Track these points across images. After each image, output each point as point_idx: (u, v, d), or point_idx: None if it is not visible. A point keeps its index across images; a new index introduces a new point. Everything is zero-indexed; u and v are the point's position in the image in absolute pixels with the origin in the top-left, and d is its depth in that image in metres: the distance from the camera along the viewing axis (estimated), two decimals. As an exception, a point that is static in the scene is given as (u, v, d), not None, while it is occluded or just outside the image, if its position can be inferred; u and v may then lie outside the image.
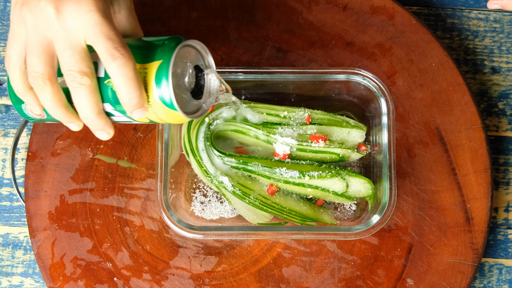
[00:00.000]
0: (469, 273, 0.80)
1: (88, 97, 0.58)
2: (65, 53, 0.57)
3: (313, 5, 0.86)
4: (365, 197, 0.79)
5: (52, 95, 0.59)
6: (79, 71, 0.57)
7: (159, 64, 0.58)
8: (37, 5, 0.57)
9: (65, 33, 0.57)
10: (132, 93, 0.57)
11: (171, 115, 0.59)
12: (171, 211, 0.75)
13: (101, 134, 0.61)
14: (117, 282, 0.80)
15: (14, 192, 0.86)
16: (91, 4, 0.57)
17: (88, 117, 0.59)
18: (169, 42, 0.59)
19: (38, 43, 0.58)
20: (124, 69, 0.57)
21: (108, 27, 0.57)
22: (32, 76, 0.58)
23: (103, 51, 0.57)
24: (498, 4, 0.73)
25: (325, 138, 0.80)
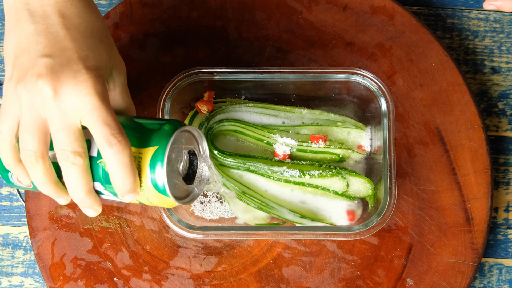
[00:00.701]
0: (469, 273, 0.80)
1: (79, 176, 0.58)
2: (60, 133, 0.57)
3: (313, 5, 0.86)
4: (365, 197, 0.80)
5: (43, 172, 0.59)
6: (72, 151, 0.57)
7: (154, 151, 0.58)
8: (34, 85, 0.57)
9: (61, 114, 0.57)
10: (126, 180, 0.58)
11: (162, 200, 0.60)
12: (171, 211, 0.75)
13: (89, 212, 0.62)
14: (117, 282, 0.81)
15: (14, 192, 0.86)
16: (89, 87, 0.57)
17: (78, 195, 0.60)
18: (166, 128, 0.59)
19: (32, 121, 0.57)
20: (120, 156, 0.57)
21: (106, 113, 0.57)
22: (25, 153, 0.58)
23: (100, 136, 0.57)
24: (493, 5, 0.73)
25: (325, 138, 0.80)
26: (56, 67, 0.57)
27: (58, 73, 0.57)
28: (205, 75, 0.78)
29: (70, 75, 0.57)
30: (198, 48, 0.85)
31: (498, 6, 0.73)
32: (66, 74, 0.57)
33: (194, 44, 0.85)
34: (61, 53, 0.58)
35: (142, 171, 0.58)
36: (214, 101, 0.82)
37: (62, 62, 0.58)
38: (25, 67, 0.58)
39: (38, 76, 0.57)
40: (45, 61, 0.57)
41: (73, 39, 0.59)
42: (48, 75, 0.57)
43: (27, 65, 0.58)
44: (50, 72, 0.57)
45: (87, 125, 0.57)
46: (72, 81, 0.57)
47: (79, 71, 0.58)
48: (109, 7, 0.90)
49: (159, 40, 0.85)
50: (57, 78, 0.57)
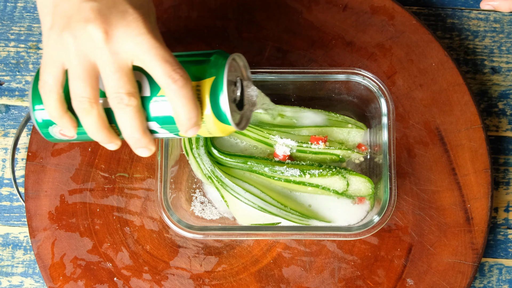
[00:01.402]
0: (469, 273, 0.80)
1: (134, 117, 0.58)
2: (113, 76, 0.56)
3: (313, 5, 0.86)
4: (365, 196, 0.80)
5: (97, 118, 0.58)
6: (126, 92, 0.56)
7: (212, 81, 0.58)
8: (83, 29, 0.56)
9: (114, 56, 0.56)
10: (191, 113, 0.57)
11: (222, 128, 0.60)
12: (171, 211, 0.75)
13: (144, 151, 0.61)
14: (117, 282, 0.80)
15: (14, 192, 0.86)
16: (141, 27, 0.56)
17: (134, 136, 0.59)
18: (217, 58, 0.60)
19: (83, 67, 0.56)
20: (184, 91, 0.56)
21: (163, 50, 0.56)
22: (78, 101, 0.57)
23: (161, 74, 0.56)
24: (490, 5, 0.74)
25: (325, 139, 0.80)
26: (103, 10, 0.56)
27: (107, 16, 0.56)
28: (205, 75, 0.78)
29: (119, 16, 0.56)
30: (198, 48, 0.85)
31: (494, 6, 0.73)
32: (115, 16, 0.56)
33: (194, 44, 0.85)
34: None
35: (203, 103, 0.58)
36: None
37: (108, 5, 0.56)
38: (69, 14, 0.56)
39: (86, 20, 0.55)
40: (91, 5, 0.56)
41: None
42: (97, 18, 0.55)
43: (70, 12, 0.56)
44: (99, 16, 0.56)
45: (142, 64, 0.56)
46: (122, 22, 0.56)
47: (126, 12, 0.56)
48: (109, 7, 0.90)
49: (159, 40, 0.85)
50: (107, 21, 0.56)
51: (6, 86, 0.88)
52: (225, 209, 0.81)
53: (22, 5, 0.89)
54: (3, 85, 0.88)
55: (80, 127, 0.61)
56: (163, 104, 0.59)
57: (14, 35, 0.89)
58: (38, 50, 0.89)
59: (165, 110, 0.59)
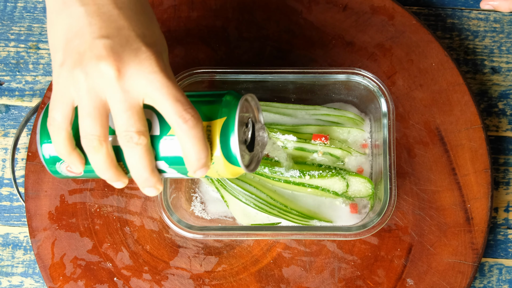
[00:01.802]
0: (469, 273, 0.80)
1: (143, 156, 0.57)
2: (124, 114, 0.55)
3: (313, 5, 0.86)
4: (365, 197, 0.80)
5: (106, 157, 0.58)
6: (136, 131, 0.56)
7: (223, 122, 0.57)
8: (95, 67, 0.55)
9: (125, 94, 0.55)
10: (200, 154, 0.57)
11: (231, 170, 0.60)
12: (171, 211, 0.75)
13: (151, 191, 0.60)
14: (117, 282, 0.81)
15: (14, 192, 0.86)
16: (153, 65, 0.56)
17: (142, 175, 0.58)
18: (229, 98, 0.59)
19: (93, 105, 0.56)
20: (194, 131, 0.56)
21: (175, 89, 0.56)
22: (87, 139, 0.57)
23: (172, 113, 0.55)
24: (490, 5, 0.74)
25: (327, 137, 0.80)
26: (116, 48, 0.55)
27: (119, 53, 0.55)
28: (205, 75, 0.78)
29: (132, 54, 0.56)
30: (198, 48, 0.85)
31: (494, 6, 0.73)
32: (128, 54, 0.56)
33: (194, 44, 0.85)
34: (118, 33, 0.56)
35: (213, 144, 0.58)
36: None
37: (121, 42, 0.56)
38: (81, 50, 0.56)
39: (98, 58, 0.55)
40: (104, 42, 0.55)
41: (127, 18, 0.57)
42: (110, 56, 0.55)
43: (82, 48, 0.56)
44: (111, 53, 0.55)
45: (153, 103, 0.56)
46: (135, 60, 0.55)
47: (139, 49, 0.56)
48: (109, 7, 0.90)
49: (159, 40, 0.85)
50: (119, 59, 0.55)
51: (6, 86, 0.88)
52: (225, 209, 0.81)
53: (22, 5, 0.89)
54: (3, 85, 0.88)
55: (88, 164, 0.61)
56: (172, 143, 0.58)
57: (14, 35, 0.89)
58: (38, 50, 0.89)
59: (174, 150, 0.59)
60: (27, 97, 0.88)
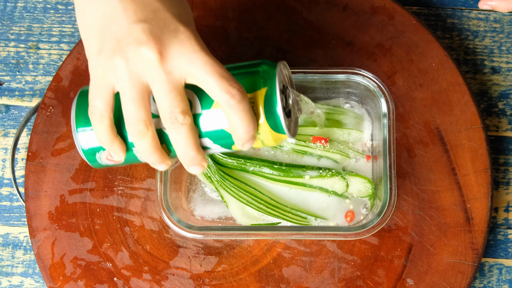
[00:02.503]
0: (469, 273, 0.80)
1: (188, 135, 0.57)
2: (168, 96, 0.55)
3: (313, 5, 0.86)
4: (365, 197, 0.80)
5: (151, 140, 0.57)
6: (181, 111, 0.56)
7: (265, 92, 0.58)
8: (136, 52, 0.55)
9: (168, 76, 0.55)
10: (249, 127, 0.57)
11: (276, 137, 0.60)
12: (171, 211, 0.75)
13: (197, 169, 0.60)
14: (117, 282, 0.81)
15: (14, 192, 0.86)
16: (194, 44, 0.56)
17: (189, 154, 0.58)
18: (266, 68, 0.60)
19: (136, 90, 0.56)
20: (242, 105, 0.56)
21: (218, 65, 0.56)
22: (132, 124, 0.56)
23: (218, 90, 0.55)
24: (488, 5, 0.74)
25: (327, 140, 0.80)
26: (155, 31, 0.55)
27: (159, 36, 0.55)
28: (205, 75, 0.78)
29: (171, 35, 0.55)
30: (198, 48, 0.85)
31: (493, 6, 0.73)
32: (167, 35, 0.55)
33: (194, 44, 0.85)
34: (154, 16, 0.56)
35: (257, 115, 0.58)
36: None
37: (158, 24, 0.56)
38: (118, 37, 0.55)
39: (138, 42, 0.55)
40: (142, 26, 0.55)
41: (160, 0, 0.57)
42: (150, 39, 0.55)
43: (119, 34, 0.55)
44: (151, 36, 0.55)
45: (197, 82, 0.56)
46: (175, 41, 0.55)
47: (177, 30, 0.56)
48: (109, 7, 0.90)
49: (159, 40, 0.85)
50: (160, 41, 0.55)
51: (6, 86, 0.88)
52: (224, 209, 0.81)
53: (22, 5, 0.89)
54: (3, 85, 0.88)
55: (129, 151, 0.61)
56: (215, 119, 0.59)
57: (14, 35, 0.89)
58: (38, 50, 0.89)
59: (217, 125, 0.59)
60: (27, 97, 0.88)
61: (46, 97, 0.84)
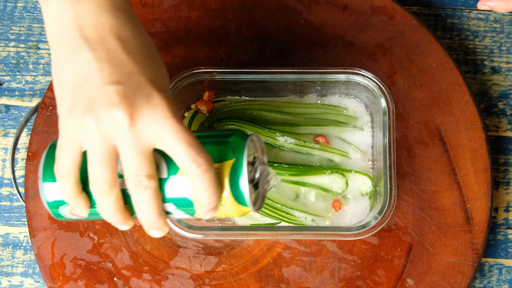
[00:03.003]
0: (469, 273, 0.80)
1: (152, 199, 0.57)
2: (135, 159, 0.55)
3: (313, 5, 0.86)
4: (365, 195, 0.80)
5: (115, 201, 0.57)
6: (146, 175, 0.56)
7: (232, 164, 0.58)
8: (107, 114, 0.55)
9: (136, 140, 0.55)
10: (212, 198, 0.57)
11: (239, 210, 0.60)
12: (171, 211, 0.75)
13: (157, 233, 0.60)
14: (117, 282, 0.81)
15: (14, 192, 0.86)
16: (166, 110, 0.56)
17: (149, 218, 0.58)
18: (236, 139, 0.59)
19: (105, 151, 0.56)
20: (208, 175, 0.56)
21: (187, 133, 0.56)
22: (97, 184, 0.56)
23: (185, 158, 0.55)
24: (487, 5, 0.74)
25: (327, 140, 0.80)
26: (128, 94, 0.55)
27: (132, 99, 0.55)
28: (205, 75, 0.78)
29: (144, 99, 0.55)
30: (198, 48, 0.85)
31: (491, 7, 0.73)
32: (140, 99, 0.55)
33: (194, 44, 0.85)
34: (129, 78, 0.56)
35: (222, 185, 0.58)
36: (213, 100, 0.82)
37: (132, 88, 0.56)
38: (91, 96, 0.55)
39: (110, 104, 0.55)
40: (115, 88, 0.55)
41: (137, 63, 0.57)
42: (122, 102, 0.55)
43: (93, 94, 0.55)
44: (124, 99, 0.55)
45: (165, 148, 0.56)
46: (147, 106, 0.55)
47: (151, 95, 0.56)
48: (109, 7, 0.90)
49: (159, 40, 0.85)
50: (132, 105, 0.55)
51: (6, 86, 0.88)
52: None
53: (22, 5, 0.89)
54: (3, 85, 0.88)
55: (93, 207, 0.60)
56: (180, 186, 0.58)
57: (14, 35, 0.89)
58: (38, 50, 0.89)
59: (182, 192, 0.59)
60: (27, 97, 0.88)
61: (46, 97, 0.84)
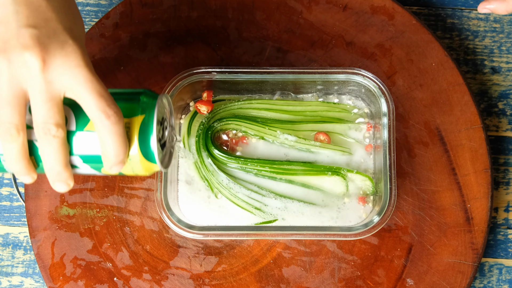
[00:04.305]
0: (469, 273, 0.80)
1: (59, 149, 0.56)
2: (44, 106, 0.55)
3: (313, 5, 0.86)
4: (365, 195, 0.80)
5: (21, 147, 0.57)
6: (55, 123, 0.55)
7: (142, 119, 0.58)
8: (19, 56, 0.55)
9: (47, 86, 0.55)
10: (119, 150, 0.57)
11: (146, 167, 0.60)
12: (171, 211, 0.75)
13: (62, 186, 0.59)
14: (117, 282, 0.81)
15: (14, 192, 0.86)
16: (79, 59, 0.56)
17: (55, 169, 0.58)
18: (147, 98, 0.60)
19: (13, 93, 0.55)
20: (116, 127, 0.56)
21: (99, 84, 0.56)
22: (4, 126, 0.56)
23: (95, 108, 0.55)
24: (487, 8, 0.74)
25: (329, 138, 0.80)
26: (43, 38, 0.55)
27: (46, 44, 0.55)
28: (205, 75, 0.78)
29: (58, 46, 0.56)
30: (198, 48, 0.85)
31: (491, 9, 0.74)
32: (54, 45, 0.55)
33: (194, 44, 0.85)
34: (45, 24, 0.56)
35: (131, 141, 0.58)
36: (212, 100, 0.82)
37: (48, 33, 0.56)
38: (5, 38, 0.55)
39: (23, 47, 0.55)
40: (31, 31, 0.55)
41: (54, 10, 0.57)
42: (36, 46, 0.55)
43: (7, 36, 0.55)
44: (38, 43, 0.55)
45: (75, 97, 0.56)
46: (61, 52, 0.55)
47: (66, 42, 0.56)
48: (109, 7, 0.90)
49: (159, 40, 0.85)
50: (46, 50, 0.55)
51: (6, 86, 0.88)
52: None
53: (22, 5, 0.89)
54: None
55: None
56: (88, 140, 0.58)
57: (14, 35, 0.89)
58: (38, 50, 0.89)
59: (89, 147, 0.59)
60: None
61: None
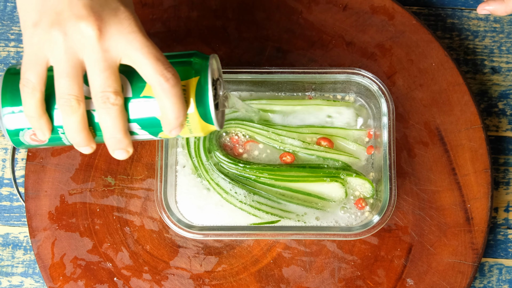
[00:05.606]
0: (469, 273, 0.80)
1: (118, 117, 0.57)
2: (102, 74, 0.55)
3: (313, 5, 0.86)
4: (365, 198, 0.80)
5: (81, 118, 0.57)
6: (113, 91, 0.55)
7: (197, 81, 0.59)
8: (75, 26, 0.54)
9: (104, 54, 0.55)
10: (179, 112, 0.57)
11: (204, 128, 0.61)
12: (171, 211, 0.75)
13: (122, 154, 0.59)
14: (117, 282, 0.81)
15: (14, 192, 0.86)
16: (133, 25, 0.56)
17: (116, 136, 0.58)
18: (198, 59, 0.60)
19: (71, 65, 0.55)
20: (175, 90, 0.56)
21: (154, 48, 0.56)
22: (64, 99, 0.56)
23: (153, 72, 0.55)
24: (486, 10, 0.74)
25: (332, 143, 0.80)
26: (95, 7, 0.55)
27: (99, 13, 0.55)
28: (205, 75, 0.78)
29: (111, 13, 0.55)
30: (198, 48, 0.85)
31: (491, 11, 0.74)
32: (107, 13, 0.55)
33: (194, 44, 0.85)
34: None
35: (188, 102, 0.59)
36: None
37: (100, 2, 0.56)
38: (58, 9, 0.55)
39: (78, 17, 0.54)
40: (83, 1, 0.55)
41: None
42: (90, 15, 0.55)
43: (60, 7, 0.55)
44: (92, 12, 0.55)
45: (132, 63, 0.56)
46: (114, 20, 0.55)
47: (118, 9, 0.56)
48: (109, 7, 0.90)
49: (159, 40, 0.85)
50: (100, 18, 0.55)
51: (6, 86, 0.88)
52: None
53: (22, 5, 0.89)
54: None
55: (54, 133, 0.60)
56: (145, 105, 0.59)
57: (14, 35, 0.89)
58: (38, 50, 0.89)
59: (147, 111, 0.59)
60: None
61: (46, 97, 0.84)
